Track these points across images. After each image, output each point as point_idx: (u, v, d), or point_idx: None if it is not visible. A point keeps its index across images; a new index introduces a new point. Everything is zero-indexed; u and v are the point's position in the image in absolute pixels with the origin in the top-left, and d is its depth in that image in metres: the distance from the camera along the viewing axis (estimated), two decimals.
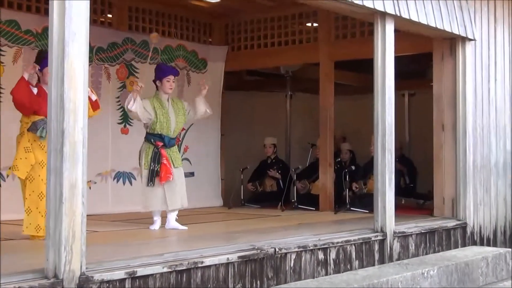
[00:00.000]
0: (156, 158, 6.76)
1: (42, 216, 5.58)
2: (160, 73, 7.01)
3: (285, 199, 9.67)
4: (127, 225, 7.32)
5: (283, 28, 10.00)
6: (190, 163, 9.60)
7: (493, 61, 8.56)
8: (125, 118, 8.95)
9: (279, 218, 8.41)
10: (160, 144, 6.83)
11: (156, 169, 6.74)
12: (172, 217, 6.90)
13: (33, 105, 5.83)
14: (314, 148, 10.52)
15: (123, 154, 8.86)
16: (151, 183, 6.75)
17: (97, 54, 8.69)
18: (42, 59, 5.79)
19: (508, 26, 8.86)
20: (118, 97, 8.94)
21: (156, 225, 6.88)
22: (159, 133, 6.87)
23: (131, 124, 8.91)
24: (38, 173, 5.78)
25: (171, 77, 7.00)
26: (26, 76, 5.82)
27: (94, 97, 6.17)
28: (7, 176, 7.18)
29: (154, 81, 7.04)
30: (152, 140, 6.86)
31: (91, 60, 8.25)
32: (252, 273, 5.15)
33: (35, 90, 5.86)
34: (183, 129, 8.55)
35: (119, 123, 8.98)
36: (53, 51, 4.02)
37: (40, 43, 7.94)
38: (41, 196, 5.70)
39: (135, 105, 6.66)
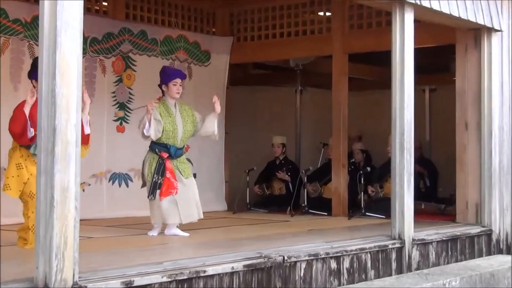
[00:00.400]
0: (160, 170, 6.74)
1: None
2: (166, 77, 6.98)
3: (294, 203, 9.68)
4: (123, 231, 7.34)
5: (293, 17, 9.99)
6: (192, 164, 9.59)
7: None
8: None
9: (288, 223, 8.42)
10: (166, 155, 6.81)
11: (159, 181, 6.73)
12: None
13: (26, 142, 5.82)
14: (326, 148, 10.52)
15: (119, 153, 8.89)
16: (151, 196, 6.75)
17: (91, 45, 8.70)
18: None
19: None
20: (113, 92, 8.96)
21: (155, 231, 6.89)
22: (165, 142, 6.84)
23: (128, 121, 8.93)
24: None
25: (178, 80, 6.97)
26: (27, 111, 5.74)
27: (88, 130, 5.97)
28: None
29: (160, 86, 7.03)
30: (156, 150, 6.83)
31: (85, 52, 8.26)
32: (259, 283, 5.15)
33: (30, 132, 5.78)
34: None
35: (114, 121, 8.99)
36: (44, 42, 4.01)
37: (29, 33, 7.96)
38: None
39: (151, 130, 6.67)
